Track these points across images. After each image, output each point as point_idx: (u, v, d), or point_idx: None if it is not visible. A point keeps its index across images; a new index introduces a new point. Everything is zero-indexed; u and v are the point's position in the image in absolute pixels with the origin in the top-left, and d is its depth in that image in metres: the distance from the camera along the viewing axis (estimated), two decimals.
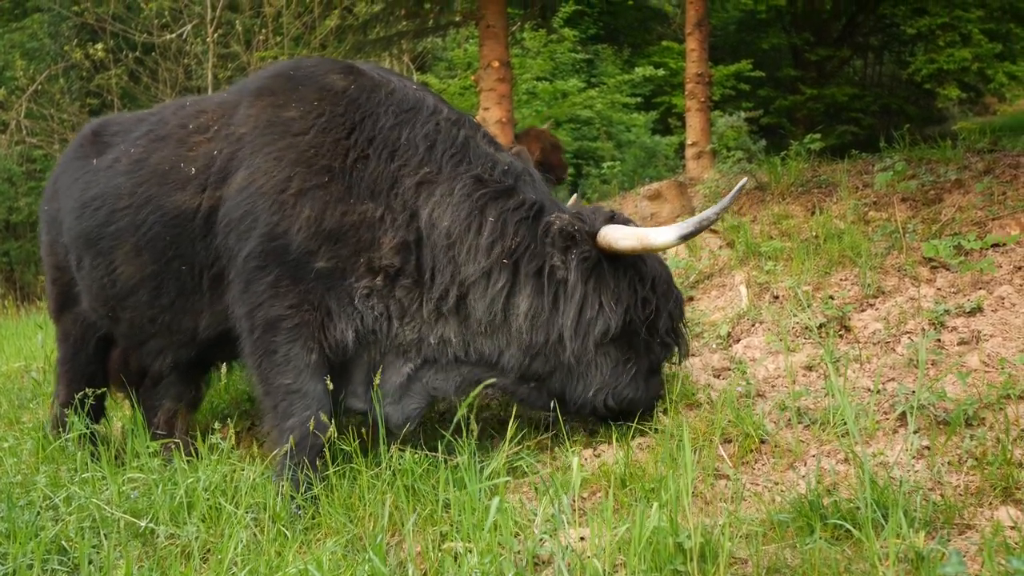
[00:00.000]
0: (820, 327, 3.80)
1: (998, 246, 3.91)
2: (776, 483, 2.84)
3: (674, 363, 3.54)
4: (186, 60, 13.58)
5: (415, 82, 3.69)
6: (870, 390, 3.22)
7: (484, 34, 7.58)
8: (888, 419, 3.06)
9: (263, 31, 13.25)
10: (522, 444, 3.38)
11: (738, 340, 4.00)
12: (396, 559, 2.64)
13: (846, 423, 2.95)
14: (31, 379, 5.80)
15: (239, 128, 3.49)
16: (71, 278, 4.05)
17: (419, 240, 3.28)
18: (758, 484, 2.87)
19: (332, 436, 3.18)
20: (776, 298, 4.17)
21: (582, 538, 2.58)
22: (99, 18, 13.78)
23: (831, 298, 3.94)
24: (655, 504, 2.46)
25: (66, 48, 14.28)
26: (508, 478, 3.03)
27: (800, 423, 3.17)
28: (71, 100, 14.56)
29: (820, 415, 3.16)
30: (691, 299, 4.57)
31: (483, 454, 3.32)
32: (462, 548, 2.51)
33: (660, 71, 14.69)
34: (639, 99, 15.23)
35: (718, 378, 3.72)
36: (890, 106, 17.94)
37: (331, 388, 3.24)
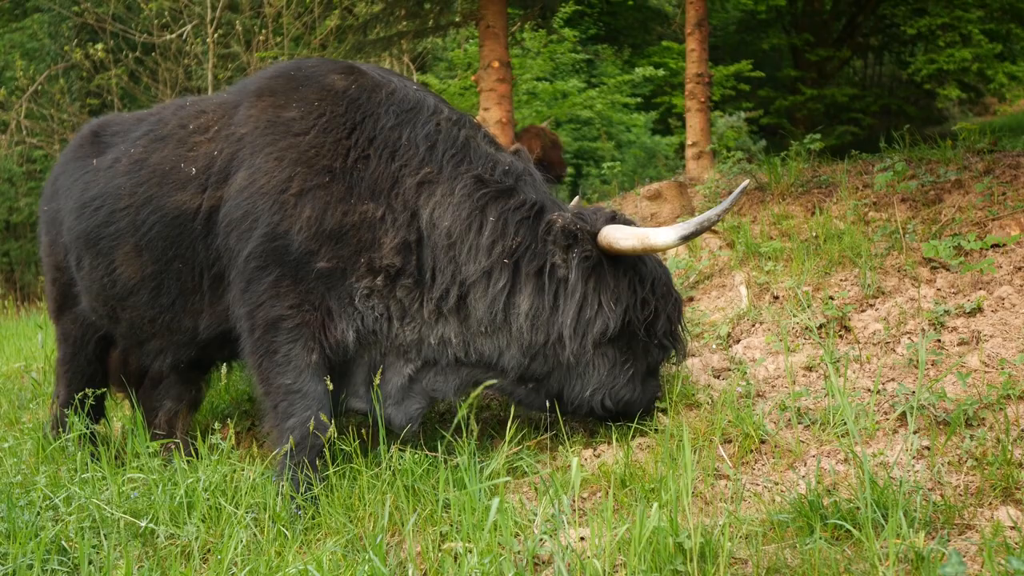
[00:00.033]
0: (820, 327, 3.80)
1: (998, 246, 3.91)
2: (776, 483, 2.84)
3: (672, 364, 3.55)
4: (186, 60, 13.58)
5: (415, 83, 3.69)
6: (870, 390, 3.22)
7: (484, 34, 7.58)
8: (888, 419, 3.06)
9: (263, 31, 13.25)
10: (522, 444, 3.38)
11: (738, 340, 4.00)
12: (396, 559, 2.64)
13: (846, 423, 2.95)
14: (31, 379, 5.80)
15: (240, 128, 3.49)
16: (71, 278, 4.05)
17: (420, 240, 3.28)
18: (758, 484, 2.87)
19: (332, 436, 3.18)
20: (776, 298, 4.17)
21: (582, 538, 2.58)
22: (99, 18, 13.78)
23: (831, 298, 3.94)
24: (655, 504, 2.46)
25: (66, 48, 14.29)
26: (508, 478, 3.03)
27: (800, 423, 3.17)
28: (71, 100, 14.56)
29: (820, 415, 3.16)
30: (691, 299, 4.57)
31: (483, 454, 3.33)
32: (462, 548, 2.51)
33: (660, 71, 14.71)
34: (639, 99, 15.25)
35: (718, 378, 3.72)
36: (890, 106, 17.94)
37: (331, 388, 3.25)
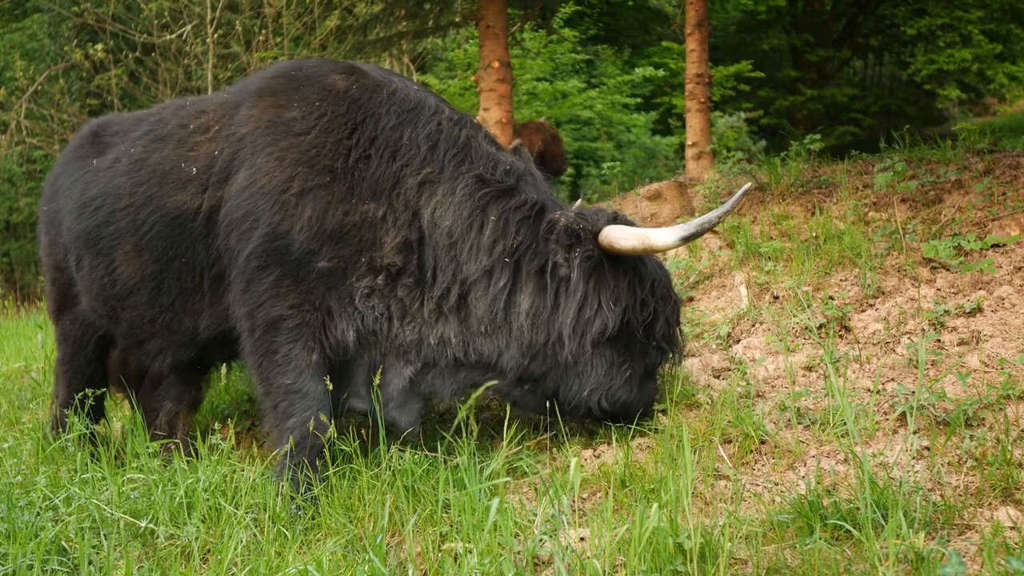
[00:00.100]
0: (820, 327, 3.80)
1: (998, 246, 3.91)
2: (776, 483, 2.84)
3: (671, 365, 3.55)
4: (186, 61, 13.59)
5: (416, 83, 3.69)
6: (870, 390, 3.23)
7: (484, 35, 7.58)
8: (888, 419, 3.06)
9: (263, 32, 13.26)
10: (522, 445, 3.38)
11: (738, 340, 4.00)
12: (396, 559, 2.64)
13: (846, 423, 2.95)
14: (31, 380, 5.80)
15: (240, 128, 3.49)
16: (70, 278, 4.05)
17: (421, 239, 3.28)
18: (758, 484, 2.87)
19: (332, 436, 3.18)
20: (776, 298, 4.18)
21: (582, 538, 2.58)
22: (99, 18, 13.79)
23: (831, 298, 3.94)
24: (655, 504, 2.46)
25: (66, 48, 14.29)
26: (508, 479, 3.04)
27: (800, 423, 3.17)
28: (71, 101, 14.56)
29: (820, 415, 3.16)
30: (691, 299, 4.57)
31: (483, 455, 3.32)
32: (462, 548, 2.51)
33: (660, 71, 14.72)
34: (639, 99, 15.26)
35: (718, 378, 3.72)
36: (890, 107, 17.94)
37: (332, 388, 3.25)
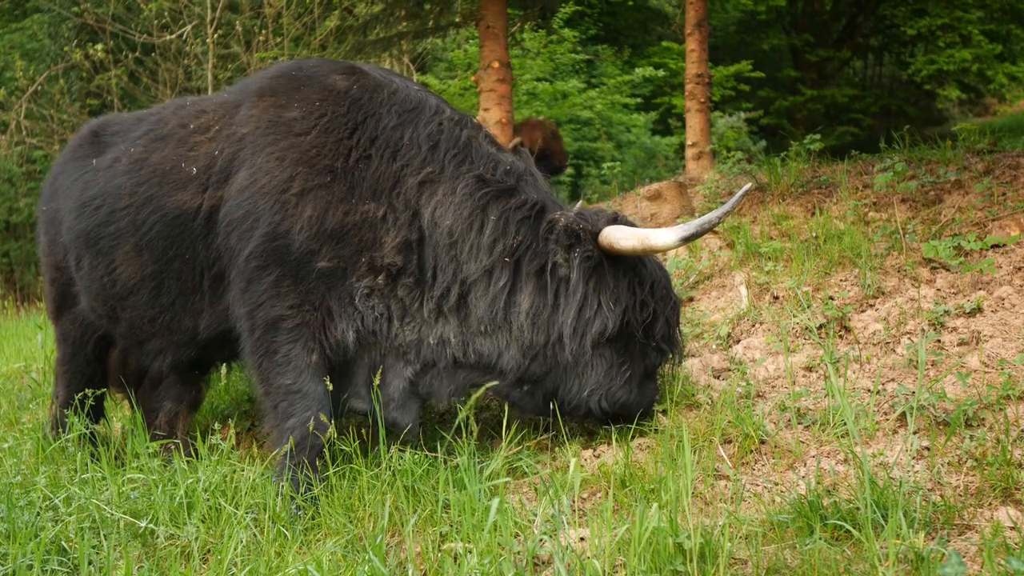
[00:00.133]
0: (820, 328, 3.80)
1: (998, 247, 3.91)
2: (776, 484, 2.84)
3: (671, 365, 3.54)
4: (186, 61, 13.58)
5: (417, 83, 3.69)
6: (870, 391, 3.23)
7: (484, 35, 7.58)
8: (888, 420, 3.06)
9: (263, 32, 13.25)
10: (522, 445, 3.38)
11: (738, 341, 4.00)
12: (396, 559, 2.64)
13: (846, 424, 2.95)
14: (31, 380, 5.80)
15: (241, 128, 3.49)
16: (70, 278, 4.05)
17: (421, 239, 3.28)
18: (758, 485, 2.87)
19: (332, 436, 3.18)
20: (776, 299, 4.18)
21: (582, 538, 2.58)
22: (99, 19, 13.78)
23: (831, 299, 3.94)
24: (655, 504, 2.46)
25: (66, 49, 14.29)
26: (508, 479, 3.04)
27: (800, 424, 3.17)
28: (71, 101, 14.56)
29: (820, 416, 3.16)
30: (691, 299, 4.57)
31: (483, 455, 3.32)
32: (462, 548, 2.51)
33: (660, 72, 14.71)
34: (639, 100, 15.26)
35: (718, 379, 3.72)
36: (890, 107, 17.94)
37: (332, 389, 3.25)
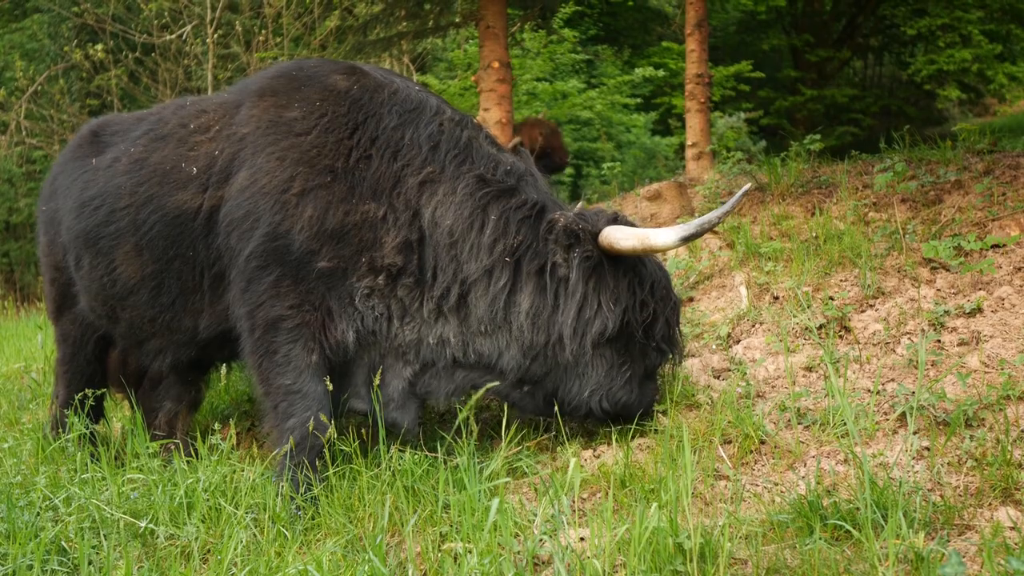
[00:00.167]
0: (820, 328, 3.80)
1: (998, 247, 3.91)
2: (776, 484, 2.84)
3: (671, 365, 3.54)
4: (186, 61, 13.58)
5: (417, 83, 3.69)
6: (870, 391, 3.23)
7: (484, 35, 7.58)
8: (888, 420, 3.06)
9: (263, 32, 13.25)
10: (522, 445, 3.38)
11: (738, 341, 4.00)
12: (396, 559, 2.64)
13: (846, 424, 2.95)
14: (31, 380, 5.80)
15: (241, 128, 3.49)
16: (70, 278, 4.05)
17: (421, 239, 3.28)
18: (758, 485, 2.87)
19: (332, 437, 3.18)
20: (776, 299, 4.18)
21: (582, 538, 2.58)
22: (99, 19, 13.78)
23: (831, 299, 3.94)
24: (655, 505, 2.46)
25: (66, 49, 14.29)
26: (508, 479, 3.04)
27: (800, 424, 3.17)
28: (71, 101, 14.55)
29: (820, 416, 3.16)
30: (691, 300, 4.57)
31: (483, 455, 3.33)
32: (462, 549, 2.51)
33: (660, 72, 14.71)
34: (639, 100, 15.25)
35: (718, 379, 3.72)
36: (890, 107, 17.93)
37: (332, 389, 3.25)
